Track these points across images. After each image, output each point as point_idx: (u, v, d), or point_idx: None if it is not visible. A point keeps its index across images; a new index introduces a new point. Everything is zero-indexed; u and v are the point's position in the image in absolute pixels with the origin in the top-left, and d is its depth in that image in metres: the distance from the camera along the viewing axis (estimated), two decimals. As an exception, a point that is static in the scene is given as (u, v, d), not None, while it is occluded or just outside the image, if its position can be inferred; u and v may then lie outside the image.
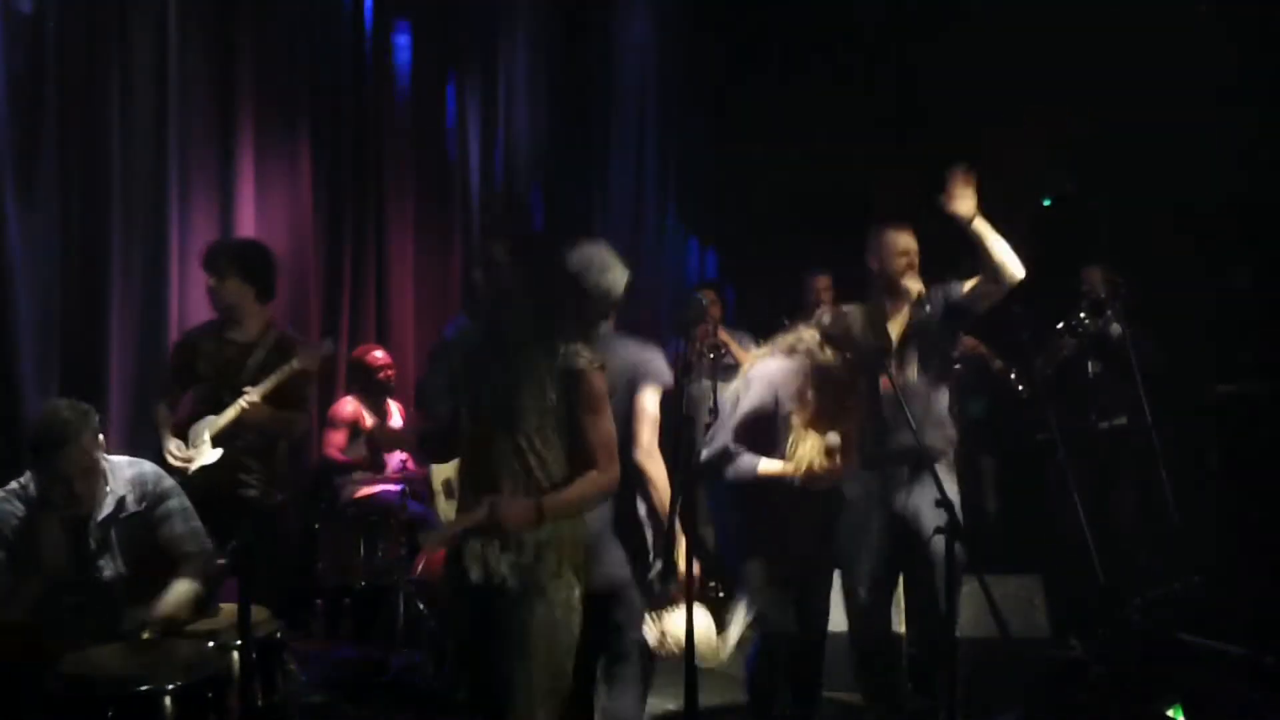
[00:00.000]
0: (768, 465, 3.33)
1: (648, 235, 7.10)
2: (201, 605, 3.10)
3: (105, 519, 3.03)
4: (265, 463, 3.94)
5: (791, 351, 3.37)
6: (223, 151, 4.98)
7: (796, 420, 3.32)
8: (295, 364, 3.95)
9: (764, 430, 3.36)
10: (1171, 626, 3.99)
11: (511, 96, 6.36)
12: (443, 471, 4.62)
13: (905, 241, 3.87)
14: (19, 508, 2.97)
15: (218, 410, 3.85)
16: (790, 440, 3.33)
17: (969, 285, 3.79)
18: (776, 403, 3.35)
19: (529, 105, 6.42)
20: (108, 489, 3.05)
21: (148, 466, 3.22)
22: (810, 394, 3.31)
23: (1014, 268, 3.62)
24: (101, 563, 3.03)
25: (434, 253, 5.92)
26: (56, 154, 4.35)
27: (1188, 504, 4.33)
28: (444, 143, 6.00)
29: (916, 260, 3.86)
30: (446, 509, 4.58)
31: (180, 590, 3.03)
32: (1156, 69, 5.50)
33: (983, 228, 3.63)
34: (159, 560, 3.09)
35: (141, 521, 3.09)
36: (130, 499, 3.08)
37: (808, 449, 3.29)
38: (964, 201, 3.60)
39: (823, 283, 5.49)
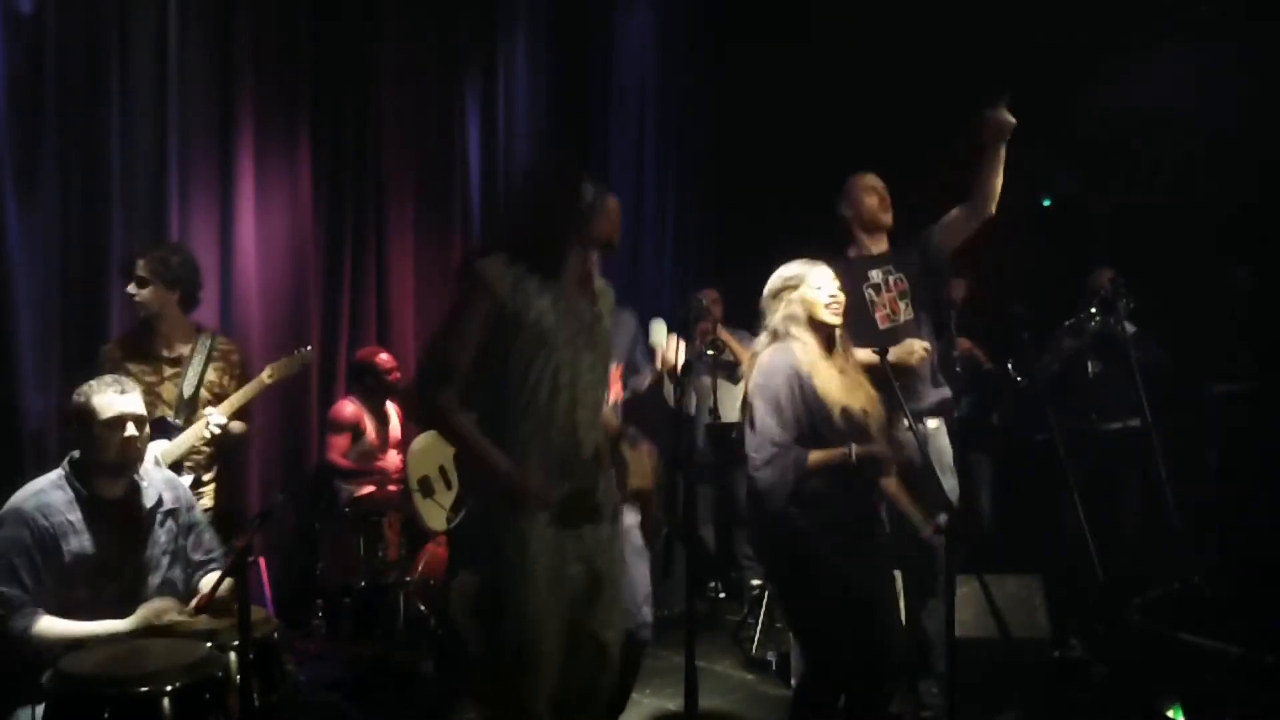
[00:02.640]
0: (818, 455, 3.10)
1: (648, 234, 7.11)
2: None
3: (150, 509, 3.09)
4: (215, 475, 3.89)
5: (776, 337, 3.25)
6: (223, 151, 4.98)
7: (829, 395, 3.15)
8: (269, 376, 3.91)
9: (803, 425, 3.15)
10: (1171, 626, 3.99)
11: (511, 96, 6.36)
12: (419, 469, 4.61)
13: (873, 180, 4.07)
14: (64, 495, 2.98)
15: (163, 432, 3.69)
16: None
17: (942, 221, 3.93)
18: (801, 388, 3.15)
19: (529, 105, 6.42)
20: (145, 483, 3.10)
21: (168, 472, 3.30)
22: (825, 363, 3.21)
23: (995, 203, 3.86)
24: (147, 549, 3.07)
25: (434, 253, 5.92)
26: (56, 154, 4.35)
27: (1188, 504, 4.32)
28: (444, 143, 6.00)
29: (888, 199, 4.05)
30: (424, 506, 4.57)
31: (213, 578, 3.05)
32: (1157, 68, 5.51)
33: (1000, 155, 3.77)
34: (186, 561, 3.17)
35: (179, 519, 3.16)
36: (167, 497, 3.14)
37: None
38: (1005, 126, 3.74)
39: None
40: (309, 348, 4.18)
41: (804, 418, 3.13)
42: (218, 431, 3.71)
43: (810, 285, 3.21)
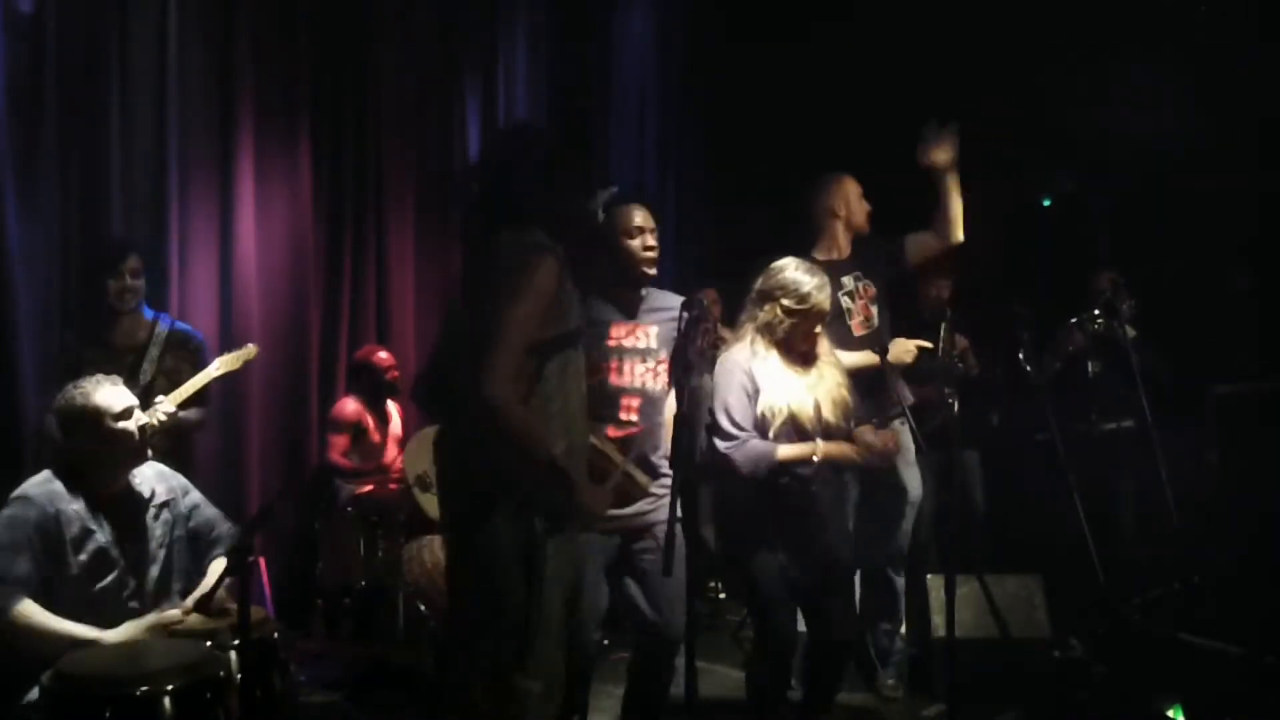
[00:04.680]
0: (787, 450, 3.27)
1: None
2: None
3: (145, 501, 3.09)
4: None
5: (750, 334, 3.37)
6: (223, 151, 4.97)
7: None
8: (217, 368, 3.99)
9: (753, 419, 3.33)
10: (1171, 626, 3.99)
11: (511, 96, 6.36)
12: (416, 465, 4.60)
13: (860, 189, 4.09)
14: (64, 489, 2.97)
15: None
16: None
17: (911, 239, 3.92)
18: (753, 389, 3.32)
19: (529, 105, 6.42)
20: (137, 479, 3.10)
21: (161, 465, 3.28)
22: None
23: (960, 229, 3.87)
24: (145, 543, 3.07)
25: (434, 253, 5.91)
26: (56, 154, 4.35)
27: (1188, 504, 4.32)
28: (444, 143, 6.00)
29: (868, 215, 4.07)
30: (424, 500, 4.57)
31: (216, 568, 3.12)
32: (1158, 68, 5.51)
33: (953, 183, 3.76)
34: (185, 553, 3.17)
35: (172, 511, 3.16)
36: (160, 490, 3.15)
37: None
38: (943, 152, 3.73)
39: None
40: (252, 345, 4.24)
41: (753, 423, 3.30)
42: (164, 419, 3.78)
43: (812, 313, 3.29)
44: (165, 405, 3.82)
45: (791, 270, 3.33)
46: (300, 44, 5.25)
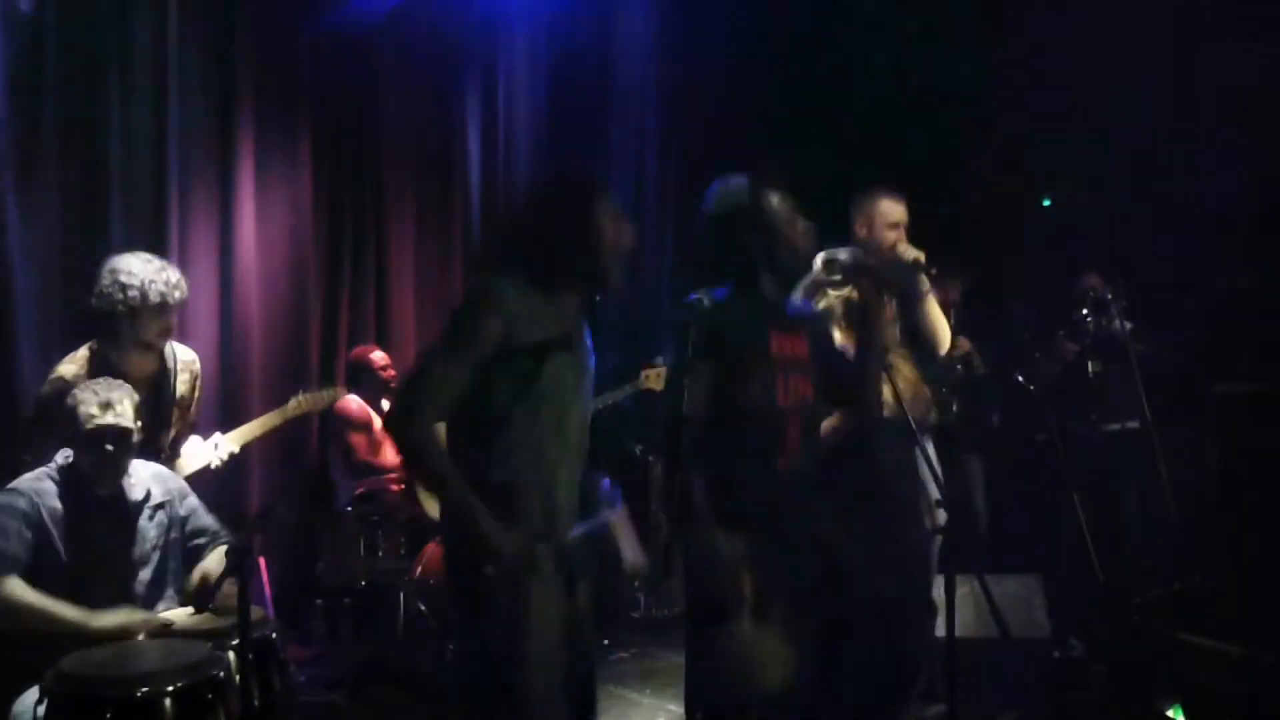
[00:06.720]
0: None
1: (649, 235, 7.09)
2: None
3: (137, 503, 3.10)
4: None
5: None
6: (223, 152, 4.98)
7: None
8: (294, 409, 3.93)
9: None
10: (1171, 626, 3.99)
11: (512, 97, 6.36)
12: None
13: (899, 212, 3.72)
14: (55, 488, 3.00)
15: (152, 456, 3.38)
16: None
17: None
18: None
19: (529, 105, 6.41)
20: (132, 480, 3.11)
21: (158, 466, 3.30)
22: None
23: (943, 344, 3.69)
24: (135, 545, 3.09)
25: (434, 253, 5.92)
26: (56, 155, 4.35)
27: (1188, 504, 4.32)
28: (444, 143, 5.99)
29: (905, 237, 3.71)
30: (426, 498, 4.55)
31: (218, 555, 3.13)
32: (1157, 69, 5.51)
33: (921, 302, 3.62)
34: (179, 555, 3.19)
35: (169, 512, 3.17)
36: (156, 491, 3.16)
37: None
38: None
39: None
40: (339, 388, 4.22)
41: None
42: (225, 459, 3.69)
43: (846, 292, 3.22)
44: (227, 446, 3.72)
45: (827, 255, 3.15)
46: (300, 44, 5.25)
